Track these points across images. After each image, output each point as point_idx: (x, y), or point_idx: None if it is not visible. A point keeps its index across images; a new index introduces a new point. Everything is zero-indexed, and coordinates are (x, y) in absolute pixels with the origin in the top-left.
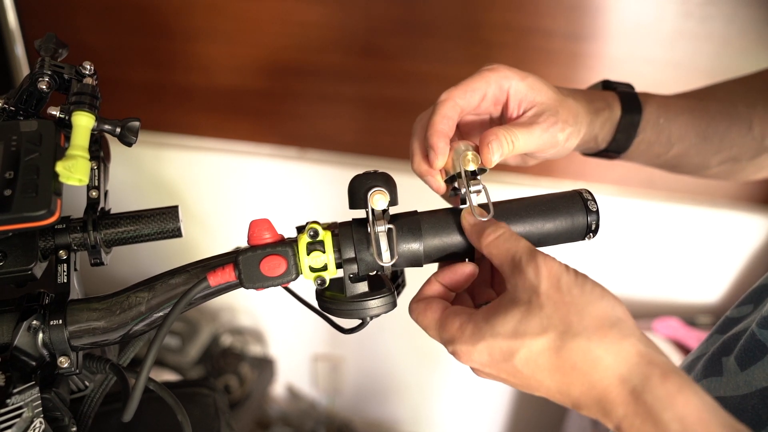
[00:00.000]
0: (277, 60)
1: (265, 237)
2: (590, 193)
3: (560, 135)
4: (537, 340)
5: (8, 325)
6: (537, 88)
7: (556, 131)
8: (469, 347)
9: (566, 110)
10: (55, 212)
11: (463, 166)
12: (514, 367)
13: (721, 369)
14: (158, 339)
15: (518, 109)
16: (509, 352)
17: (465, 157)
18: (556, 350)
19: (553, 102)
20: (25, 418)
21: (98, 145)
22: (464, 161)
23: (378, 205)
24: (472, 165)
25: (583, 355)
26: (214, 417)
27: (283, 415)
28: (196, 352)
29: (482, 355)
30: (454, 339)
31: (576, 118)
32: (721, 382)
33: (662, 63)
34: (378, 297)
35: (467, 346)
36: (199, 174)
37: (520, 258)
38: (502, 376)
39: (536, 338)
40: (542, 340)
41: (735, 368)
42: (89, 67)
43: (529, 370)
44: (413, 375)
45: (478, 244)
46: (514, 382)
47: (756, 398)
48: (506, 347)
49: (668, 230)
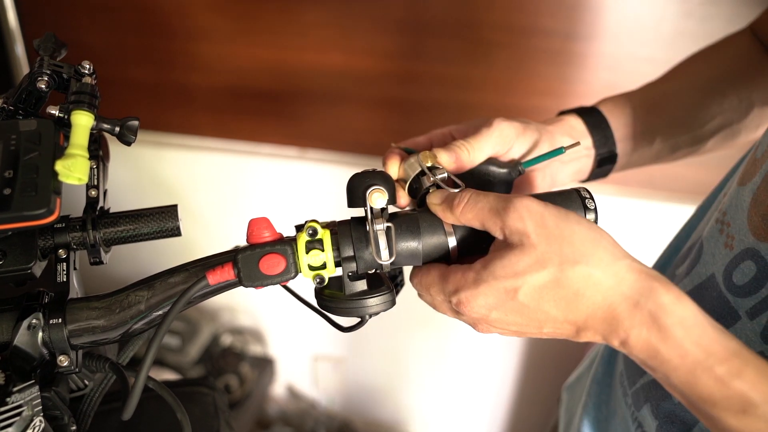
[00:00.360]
0: (277, 60)
1: (264, 236)
2: (588, 192)
3: (506, 124)
4: (538, 275)
5: (8, 324)
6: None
7: (503, 122)
8: (473, 291)
9: (506, 114)
10: (55, 211)
11: (423, 163)
12: (520, 303)
13: None
14: (157, 337)
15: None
16: (513, 290)
17: (423, 155)
18: (557, 281)
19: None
20: (24, 417)
21: (97, 144)
22: (423, 158)
23: (377, 204)
24: (430, 161)
25: (584, 280)
26: (214, 416)
27: (283, 415)
28: (196, 352)
29: (487, 298)
30: (458, 287)
31: (523, 122)
32: None
33: (662, 63)
34: (377, 295)
35: (471, 291)
36: (198, 173)
37: (497, 209)
38: (509, 318)
39: (536, 273)
40: (543, 274)
41: None
42: (88, 67)
43: (534, 302)
44: (413, 375)
45: (452, 218)
46: (521, 322)
47: None
48: (510, 285)
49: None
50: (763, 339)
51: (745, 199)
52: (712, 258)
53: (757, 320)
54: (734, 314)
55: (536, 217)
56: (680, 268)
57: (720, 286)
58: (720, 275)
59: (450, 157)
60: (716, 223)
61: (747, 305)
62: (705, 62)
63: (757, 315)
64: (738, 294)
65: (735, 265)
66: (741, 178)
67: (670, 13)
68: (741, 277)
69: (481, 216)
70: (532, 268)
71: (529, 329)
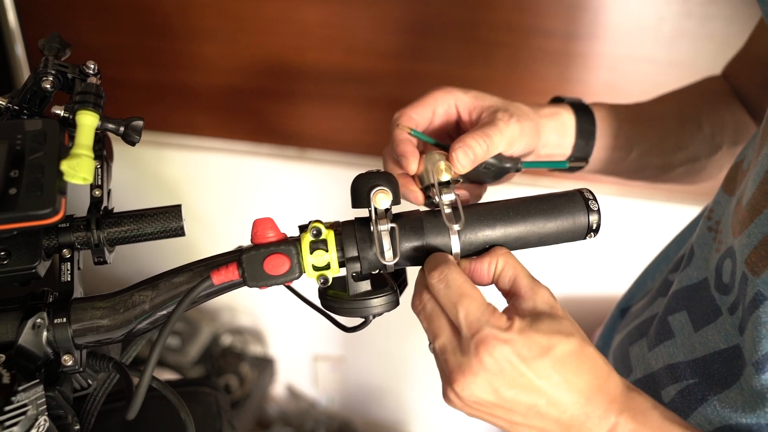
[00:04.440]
0: (277, 60)
1: (268, 236)
2: (591, 193)
3: (518, 126)
4: (569, 340)
5: (12, 324)
6: (481, 96)
7: (515, 123)
8: (514, 336)
9: (515, 108)
10: (60, 211)
11: (436, 176)
12: (549, 365)
13: (671, 329)
14: (162, 337)
15: (470, 117)
16: (547, 347)
17: (437, 168)
18: (582, 350)
19: (501, 103)
20: (29, 416)
21: (101, 144)
22: (437, 172)
23: (381, 204)
24: (446, 175)
25: (599, 357)
26: (216, 416)
27: (283, 414)
28: (197, 352)
29: (522, 348)
30: (502, 327)
31: (528, 116)
32: (675, 344)
33: (663, 63)
34: (380, 296)
35: (512, 335)
36: (200, 173)
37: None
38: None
39: (569, 338)
40: (573, 340)
41: (689, 329)
42: (93, 67)
43: (561, 367)
44: (413, 375)
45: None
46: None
47: (717, 361)
48: (546, 343)
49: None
50: (739, 332)
51: (732, 204)
52: (705, 263)
53: (735, 314)
54: (718, 311)
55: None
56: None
57: (710, 287)
58: (712, 278)
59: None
60: (708, 231)
61: (728, 302)
62: (685, 95)
63: (735, 310)
64: (723, 292)
65: (721, 264)
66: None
67: (670, 13)
68: (726, 275)
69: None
70: (565, 332)
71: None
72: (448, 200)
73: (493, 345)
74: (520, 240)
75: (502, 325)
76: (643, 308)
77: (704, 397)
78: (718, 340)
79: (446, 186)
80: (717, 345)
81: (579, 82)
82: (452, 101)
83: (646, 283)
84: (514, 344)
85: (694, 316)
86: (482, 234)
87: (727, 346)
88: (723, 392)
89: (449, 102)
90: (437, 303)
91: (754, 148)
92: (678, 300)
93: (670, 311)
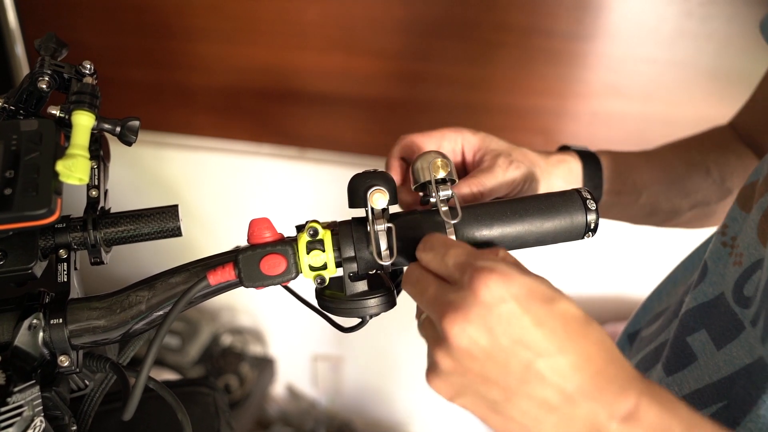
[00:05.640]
0: (277, 60)
1: (265, 236)
2: (589, 192)
3: (517, 173)
4: (574, 305)
5: (8, 324)
6: (488, 139)
7: (514, 169)
8: (512, 270)
9: (519, 154)
10: (56, 211)
11: (432, 174)
12: (551, 314)
13: (692, 352)
14: (158, 338)
15: (473, 158)
16: (551, 297)
17: (434, 165)
18: (588, 321)
19: (505, 147)
20: (25, 417)
21: (98, 144)
22: (434, 169)
23: (377, 204)
24: (442, 172)
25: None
26: (215, 416)
27: (283, 415)
28: (196, 352)
29: (521, 287)
30: (496, 260)
31: (532, 163)
32: (699, 366)
33: (663, 63)
34: (377, 296)
35: (509, 269)
36: (198, 173)
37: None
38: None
39: (572, 304)
40: (577, 309)
41: (710, 348)
42: (89, 67)
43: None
44: (413, 375)
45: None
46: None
47: (742, 378)
48: (549, 293)
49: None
50: (762, 342)
51: (754, 217)
52: (720, 278)
53: (758, 326)
54: (740, 325)
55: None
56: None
57: (729, 302)
58: (729, 292)
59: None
60: (723, 246)
61: (750, 314)
62: (692, 142)
63: (757, 321)
64: (745, 305)
65: (746, 278)
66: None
67: (670, 13)
68: (750, 288)
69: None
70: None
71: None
72: (445, 196)
73: (489, 276)
74: (518, 239)
75: (498, 259)
76: (658, 332)
77: (735, 420)
78: (743, 356)
79: (442, 183)
80: (742, 361)
81: (579, 82)
82: (460, 140)
83: (652, 306)
84: (513, 281)
85: (714, 334)
86: (480, 233)
87: (752, 360)
88: (752, 411)
89: (457, 140)
90: (425, 268)
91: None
92: (695, 319)
93: (688, 332)
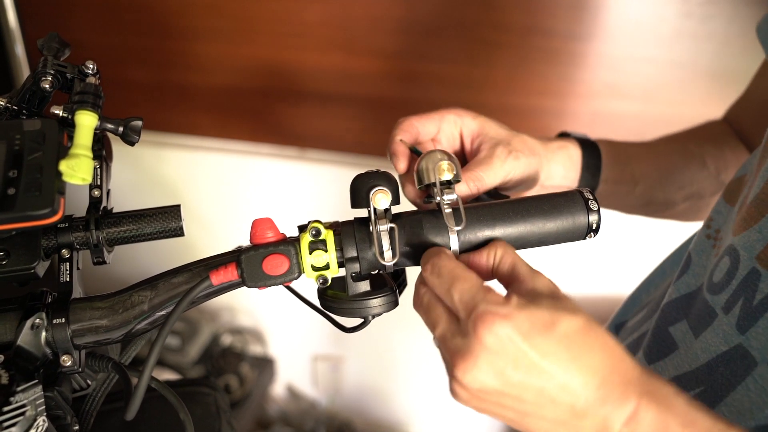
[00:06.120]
0: (277, 60)
1: (267, 236)
2: (591, 192)
3: (516, 163)
4: (574, 316)
5: (11, 324)
6: (488, 125)
7: (513, 160)
8: (512, 310)
9: (519, 142)
10: (59, 211)
11: (437, 176)
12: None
13: (674, 341)
14: (161, 338)
15: (471, 145)
16: (551, 322)
17: (439, 167)
18: (589, 327)
19: (504, 136)
20: (28, 417)
21: (101, 144)
22: (439, 171)
23: (380, 204)
24: (447, 174)
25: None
26: (216, 416)
27: (283, 415)
28: (196, 352)
29: (522, 324)
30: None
31: (532, 150)
32: (680, 355)
33: (663, 63)
34: (380, 296)
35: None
36: (199, 173)
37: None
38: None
39: (574, 314)
40: (578, 318)
41: (689, 337)
42: (92, 67)
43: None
44: (413, 375)
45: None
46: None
47: (720, 365)
48: (548, 318)
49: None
50: (739, 330)
51: (733, 212)
52: (702, 270)
53: (731, 313)
54: (712, 313)
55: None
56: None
57: (704, 290)
58: (706, 280)
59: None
60: (707, 239)
61: (721, 301)
62: (689, 135)
63: (731, 308)
64: (714, 291)
65: (716, 265)
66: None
67: (670, 13)
68: (718, 274)
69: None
70: (569, 311)
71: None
72: (450, 200)
73: (492, 321)
74: (519, 240)
75: (500, 300)
76: (641, 322)
77: (711, 405)
78: (718, 343)
79: (447, 186)
80: (718, 348)
81: (579, 82)
82: (459, 124)
83: (641, 297)
84: (514, 320)
85: (692, 323)
86: (482, 234)
87: (729, 347)
88: (729, 395)
89: (456, 123)
90: (433, 294)
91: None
92: (677, 309)
93: (670, 322)
